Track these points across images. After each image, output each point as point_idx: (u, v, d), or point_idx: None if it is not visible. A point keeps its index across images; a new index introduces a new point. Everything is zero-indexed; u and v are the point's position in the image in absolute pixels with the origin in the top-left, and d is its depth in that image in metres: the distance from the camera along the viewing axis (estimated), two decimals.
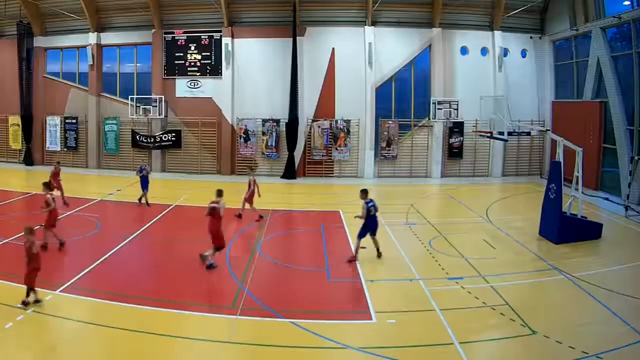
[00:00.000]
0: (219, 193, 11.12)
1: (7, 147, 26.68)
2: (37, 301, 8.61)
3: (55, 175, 17.23)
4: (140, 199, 17.06)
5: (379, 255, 11.69)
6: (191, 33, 24.38)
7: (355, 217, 11.60)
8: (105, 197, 18.51)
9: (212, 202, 10.86)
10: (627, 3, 18.94)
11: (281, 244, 13.40)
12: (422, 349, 7.61)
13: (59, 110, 25.88)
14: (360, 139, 23.84)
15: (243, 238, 13.75)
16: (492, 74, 23.98)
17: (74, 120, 25.53)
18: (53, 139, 25.91)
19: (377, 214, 11.63)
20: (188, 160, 24.87)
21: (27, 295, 8.56)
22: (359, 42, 23.62)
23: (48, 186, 12.63)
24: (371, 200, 11.46)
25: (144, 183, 16.95)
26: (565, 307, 9.26)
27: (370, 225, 11.48)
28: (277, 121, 23.78)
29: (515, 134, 16.78)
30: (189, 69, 24.56)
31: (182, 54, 24.51)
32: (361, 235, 11.51)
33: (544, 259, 11.85)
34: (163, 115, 24.33)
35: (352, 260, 11.45)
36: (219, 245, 10.93)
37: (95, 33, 24.83)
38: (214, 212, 10.74)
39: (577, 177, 13.72)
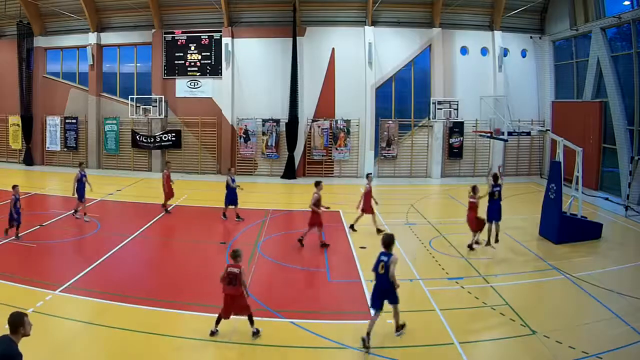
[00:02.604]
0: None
1: (7, 147, 26.69)
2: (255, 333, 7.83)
3: (168, 178, 16.07)
4: (224, 213, 15.36)
5: (494, 241, 12.40)
6: (191, 33, 24.40)
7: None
8: (105, 197, 18.50)
9: (472, 197, 12.28)
10: (627, 3, 18.94)
11: (281, 244, 13.38)
12: (422, 349, 7.61)
13: (59, 110, 25.88)
14: (360, 139, 23.85)
15: (243, 238, 13.74)
16: (492, 74, 23.98)
17: (74, 120, 25.53)
18: (53, 139, 25.91)
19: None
20: (188, 160, 24.88)
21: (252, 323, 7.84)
22: (359, 42, 23.63)
23: (317, 185, 12.85)
24: (498, 186, 12.46)
25: (232, 195, 15.21)
26: (565, 307, 9.26)
27: (491, 210, 12.36)
28: (277, 121, 23.79)
29: (515, 134, 16.77)
30: (189, 69, 24.57)
31: (182, 54, 24.53)
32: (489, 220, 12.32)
33: (544, 259, 11.85)
34: (163, 115, 24.34)
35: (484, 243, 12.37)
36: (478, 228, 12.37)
37: (95, 33, 24.83)
38: (473, 206, 12.29)
39: (577, 177, 13.72)
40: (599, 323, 8.48)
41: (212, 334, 7.77)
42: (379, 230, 13.64)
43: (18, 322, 4.85)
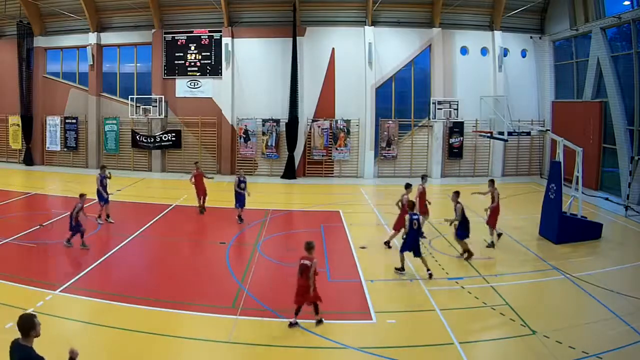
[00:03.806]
0: None
1: (7, 147, 26.68)
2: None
3: (200, 177, 15.83)
4: (239, 216, 14.99)
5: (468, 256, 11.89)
6: (191, 33, 24.39)
7: (447, 220, 12.12)
8: None
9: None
10: (627, 3, 18.95)
11: (281, 244, 13.38)
12: (422, 349, 7.62)
13: (59, 110, 25.87)
14: (360, 139, 23.84)
15: (243, 238, 13.74)
16: (492, 74, 23.98)
17: (74, 120, 25.52)
18: (53, 139, 25.91)
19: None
20: (188, 160, 24.85)
21: (317, 312, 8.37)
22: (359, 42, 23.62)
23: (408, 187, 12.95)
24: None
25: (241, 199, 14.88)
26: (565, 307, 9.26)
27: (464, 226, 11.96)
28: (277, 121, 23.78)
29: (515, 134, 16.77)
30: (189, 69, 24.56)
31: (182, 54, 24.52)
32: (464, 236, 11.81)
33: (544, 259, 11.85)
34: (163, 115, 24.33)
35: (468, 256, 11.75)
36: None
37: (95, 33, 24.83)
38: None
39: (577, 177, 13.72)
40: (599, 323, 8.48)
41: (291, 325, 8.15)
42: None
43: (30, 325, 4.61)
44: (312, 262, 8.16)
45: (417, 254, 10.58)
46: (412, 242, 10.61)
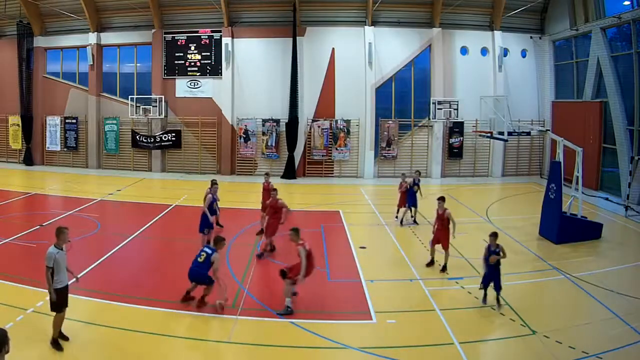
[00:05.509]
0: None
1: (7, 147, 26.69)
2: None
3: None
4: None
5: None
6: (191, 33, 24.40)
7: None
8: (105, 197, 18.50)
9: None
10: (627, 3, 18.95)
11: (281, 244, 13.37)
12: (422, 349, 7.61)
13: (59, 110, 25.88)
14: (360, 139, 23.85)
15: (243, 238, 13.74)
16: (492, 74, 23.98)
17: (74, 120, 25.53)
18: (53, 139, 25.91)
19: None
20: (188, 160, 24.88)
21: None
22: (359, 42, 23.63)
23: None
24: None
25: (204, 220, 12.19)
26: (565, 307, 9.26)
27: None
28: (277, 121, 23.79)
29: (515, 134, 16.77)
30: (189, 69, 24.56)
31: (182, 54, 24.53)
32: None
33: (544, 259, 11.85)
34: (163, 115, 24.34)
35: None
36: None
37: (95, 33, 24.83)
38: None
39: (577, 177, 13.72)
40: (599, 323, 8.49)
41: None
42: None
43: (2, 341, 4.32)
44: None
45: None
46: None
